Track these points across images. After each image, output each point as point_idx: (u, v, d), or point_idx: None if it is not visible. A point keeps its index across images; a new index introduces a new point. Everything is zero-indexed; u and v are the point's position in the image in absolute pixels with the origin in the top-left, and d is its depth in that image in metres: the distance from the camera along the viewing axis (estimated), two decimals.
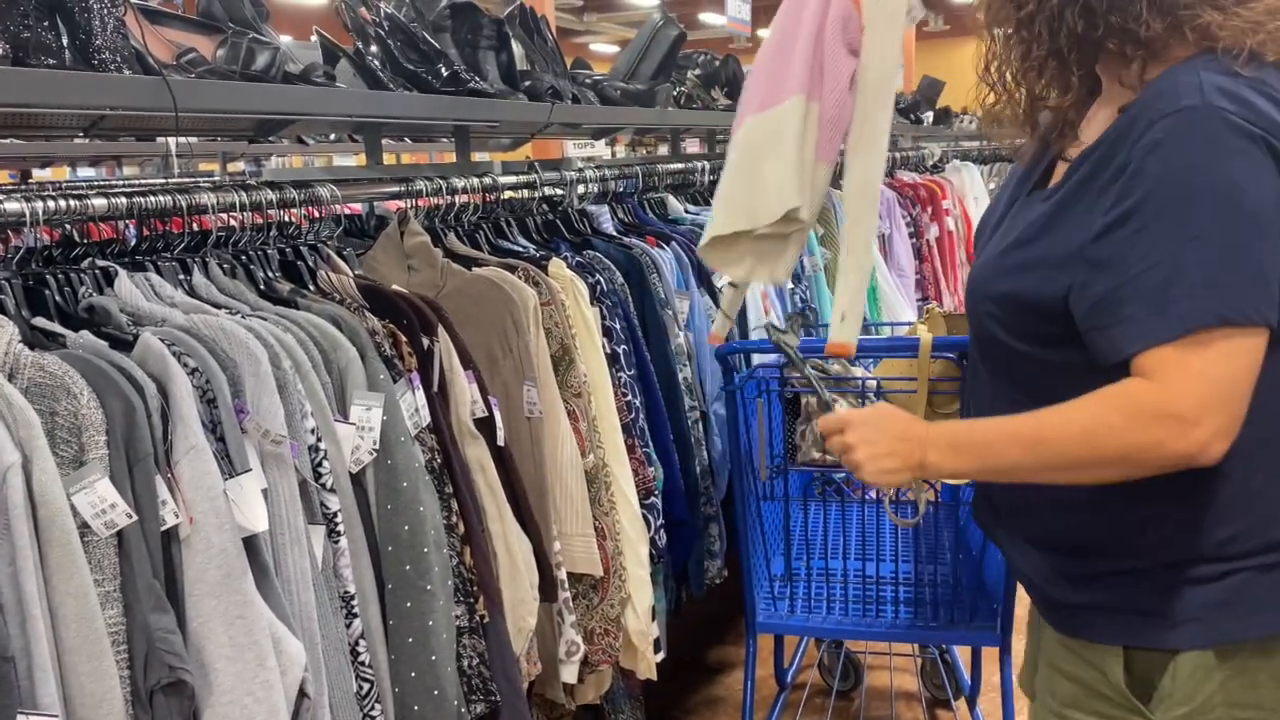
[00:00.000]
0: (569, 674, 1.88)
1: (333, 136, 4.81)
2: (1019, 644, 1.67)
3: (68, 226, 1.44)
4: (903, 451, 1.19)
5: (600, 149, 6.73)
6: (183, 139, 3.52)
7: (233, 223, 1.64)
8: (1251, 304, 1.03)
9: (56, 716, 1.06)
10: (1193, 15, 1.09)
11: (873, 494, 2.19)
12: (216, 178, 3.93)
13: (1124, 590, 1.17)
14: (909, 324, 2.29)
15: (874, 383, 1.99)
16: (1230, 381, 1.04)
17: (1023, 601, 1.50)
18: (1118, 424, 1.06)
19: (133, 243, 1.57)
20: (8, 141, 3.64)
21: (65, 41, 1.37)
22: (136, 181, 3.65)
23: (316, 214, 1.72)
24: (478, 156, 2.65)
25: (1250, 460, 1.10)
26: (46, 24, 1.35)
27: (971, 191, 4.57)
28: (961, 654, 2.71)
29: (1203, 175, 1.03)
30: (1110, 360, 1.09)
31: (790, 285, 2.94)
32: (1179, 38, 1.11)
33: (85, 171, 6.14)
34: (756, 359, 2.31)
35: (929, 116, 5.73)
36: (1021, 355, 1.18)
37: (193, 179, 3.45)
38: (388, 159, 2.34)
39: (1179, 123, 1.04)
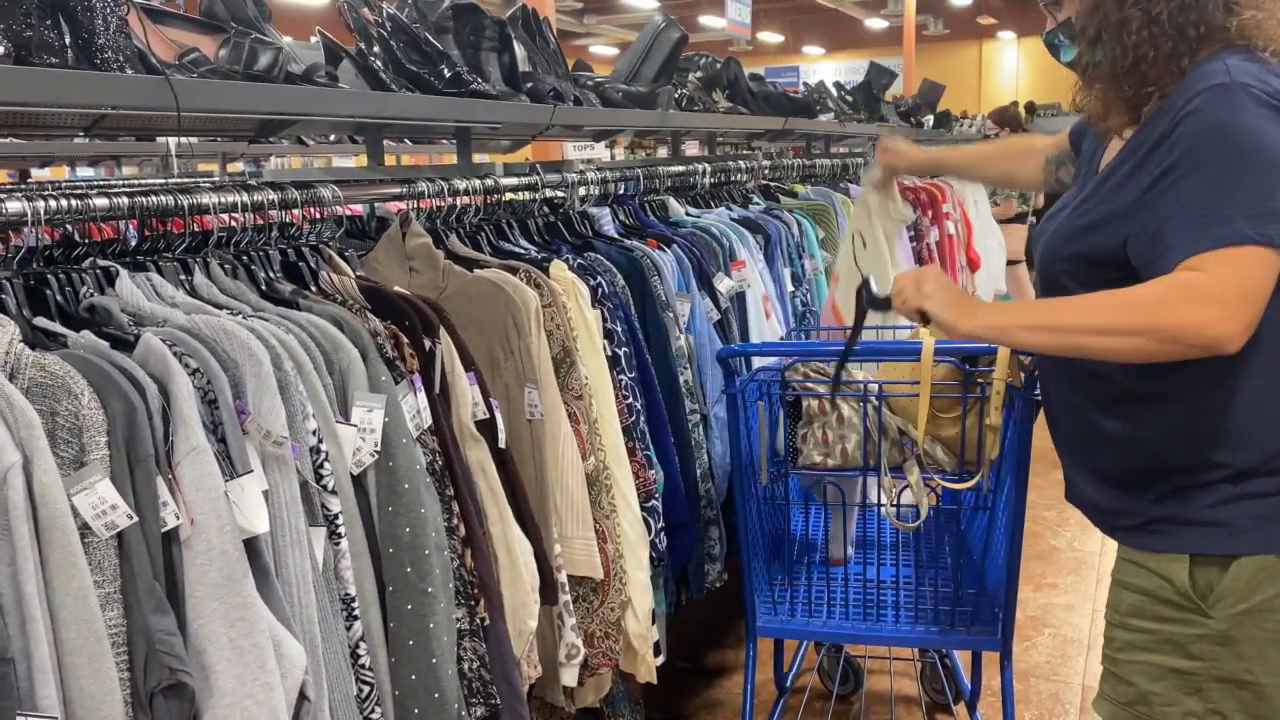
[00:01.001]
0: (569, 677, 1.88)
1: (332, 137, 4.81)
2: (1019, 649, 1.67)
3: (68, 226, 1.44)
4: (958, 303, 1.40)
5: (600, 151, 6.73)
6: (183, 139, 3.52)
7: (234, 223, 1.63)
8: (1275, 231, 1.19)
9: (56, 718, 1.05)
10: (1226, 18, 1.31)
11: (873, 497, 2.19)
12: (216, 178, 3.92)
13: (1186, 504, 1.33)
14: (910, 328, 2.29)
15: (875, 386, 1.99)
16: (1258, 287, 1.21)
17: (1022, 607, 1.51)
18: (1169, 298, 1.22)
19: (133, 243, 1.56)
20: (7, 141, 3.64)
21: (68, 40, 1.36)
22: (137, 181, 3.65)
23: (318, 215, 1.72)
24: (478, 158, 2.64)
25: (1273, 374, 1.28)
26: (49, 23, 1.35)
27: (971, 195, 4.57)
28: (961, 658, 2.71)
29: (1230, 132, 1.22)
30: (1166, 270, 1.25)
31: (791, 288, 2.94)
32: (1212, 38, 1.31)
33: (84, 171, 6.13)
34: (757, 362, 2.31)
35: (929, 120, 5.73)
36: None
37: (192, 179, 3.45)
38: (387, 160, 2.34)
39: (1211, 94, 1.24)
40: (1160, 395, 1.33)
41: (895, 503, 2.17)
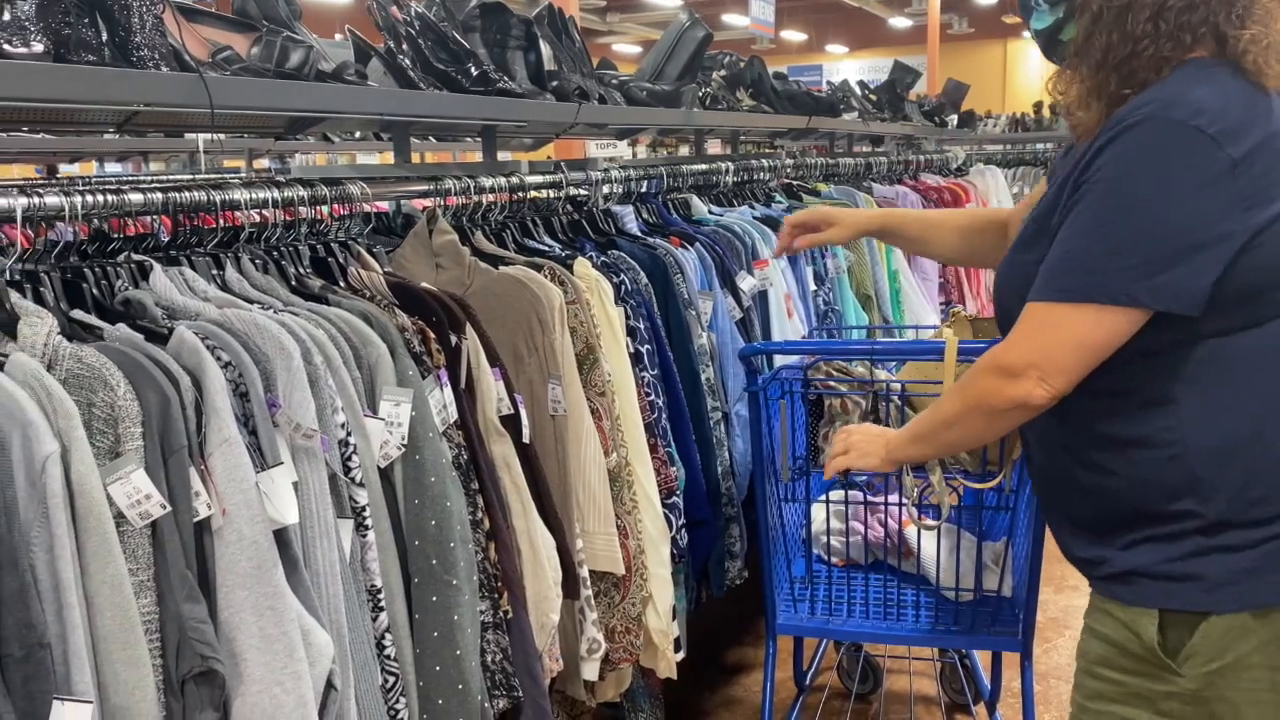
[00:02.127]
0: (590, 671, 1.89)
1: (357, 135, 4.85)
2: (1039, 651, 1.67)
3: (95, 221, 1.46)
4: (878, 439, 1.55)
5: (622, 149, 6.75)
6: (211, 135, 3.56)
7: (261, 219, 1.65)
8: (1119, 290, 1.18)
9: (91, 702, 1.08)
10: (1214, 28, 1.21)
11: (895, 496, 2.19)
12: (244, 174, 3.97)
13: (1157, 555, 1.26)
14: (933, 327, 2.29)
15: (898, 385, 1.99)
16: (1059, 346, 1.22)
17: (1043, 609, 1.52)
18: (970, 377, 1.32)
19: (164, 239, 1.59)
20: (39, 136, 3.70)
21: (105, 38, 1.39)
22: (166, 177, 3.69)
23: (346, 211, 1.74)
24: (500, 156, 2.67)
25: (1266, 429, 1.22)
26: (87, 21, 1.37)
27: (995, 195, 4.56)
28: (981, 659, 2.71)
29: (1127, 171, 1.17)
30: None
31: (814, 287, 2.94)
32: (1204, 44, 1.22)
33: (112, 167, 6.20)
34: (779, 360, 2.31)
35: (953, 119, 5.71)
36: None
37: (220, 175, 3.49)
38: (412, 158, 2.37)
39: (1133, 126, 1.17)
40: (1127, 441, 1.26)
41: (917, 502, 2.17)
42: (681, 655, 2.13)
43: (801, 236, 1.88)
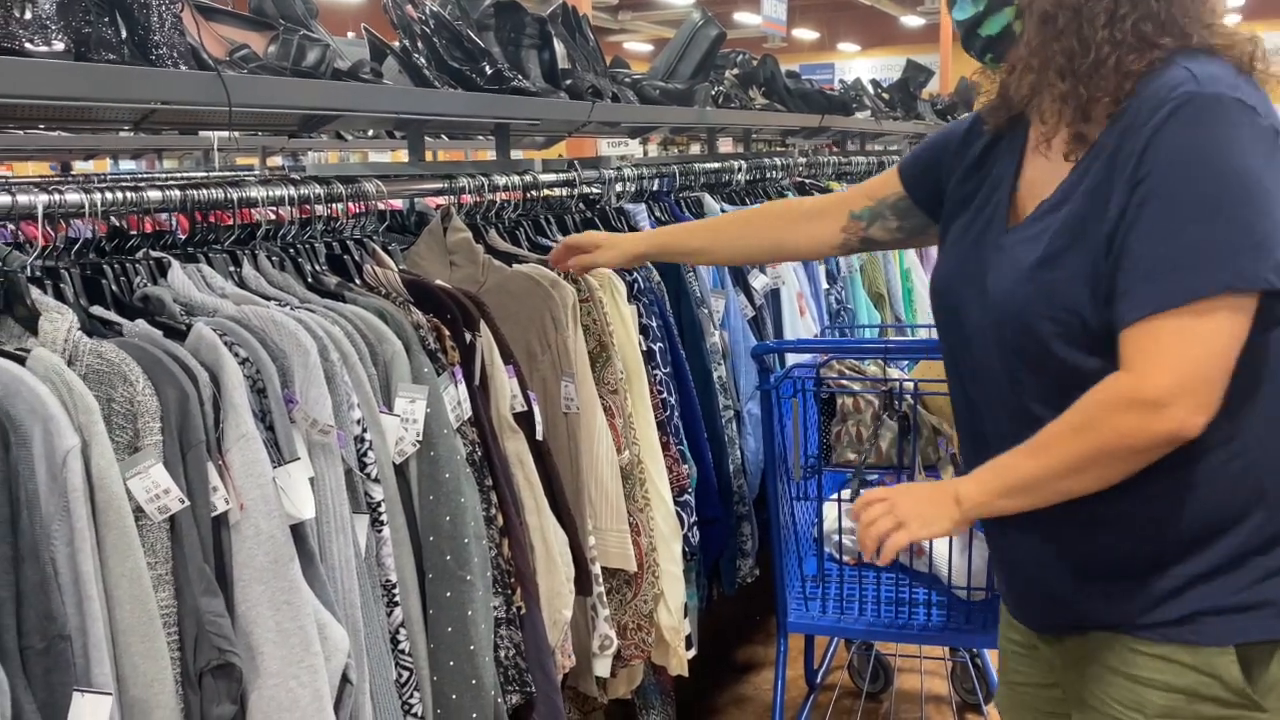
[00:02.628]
0: (602, 668, 1.90)
1: (370, 132, 4.87)
2: None
3: (113, 218, 1.48)
4: (938, 497, 1.23)
5: (633, 148, 6.75)
6: (227, 133, 3.58)
7: (275, 216, 1.66)
8: (1254, 273, 1.06)
9: (110, 694, 1.09)
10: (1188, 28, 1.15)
11: None
12: (258, 172, 3.99)
13: (1225, 589, 1.16)
14: None
15: (911, 384, 2.00)
16: (1211, 356, 1.08)
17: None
18: (1098, 417, 1.11)
19: (180, 236, 1.60)
20: (54, 134, 3.72)
21: (124, 37, 1.40)
22: (182, 175, 3.71)
23: (361, 209, 1.75)
24: (513, 154, 2.68)
25: None
26: (107, 20, 1.39)
27: None
28: (993, 658, 2.71)
29: (1203, 153, 1.07)
30: (1117, 332, 1.11)
31: (826, 286, 2.94)
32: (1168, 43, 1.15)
33: (126, 164, 6.23)
34: (792, 359, 2.32)
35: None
36: (1087, 369, 1.15)
37: (234, 173, 3.51)
38: (425, 156, 2.38)
39: (1181, 106, 1.08)
40: (1178, 458, 1.13)
41: None
42: (693, 653, 2.13)
43: (573, 258, 1.79)
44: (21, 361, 1.14)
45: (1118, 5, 1.14)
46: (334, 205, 1.68)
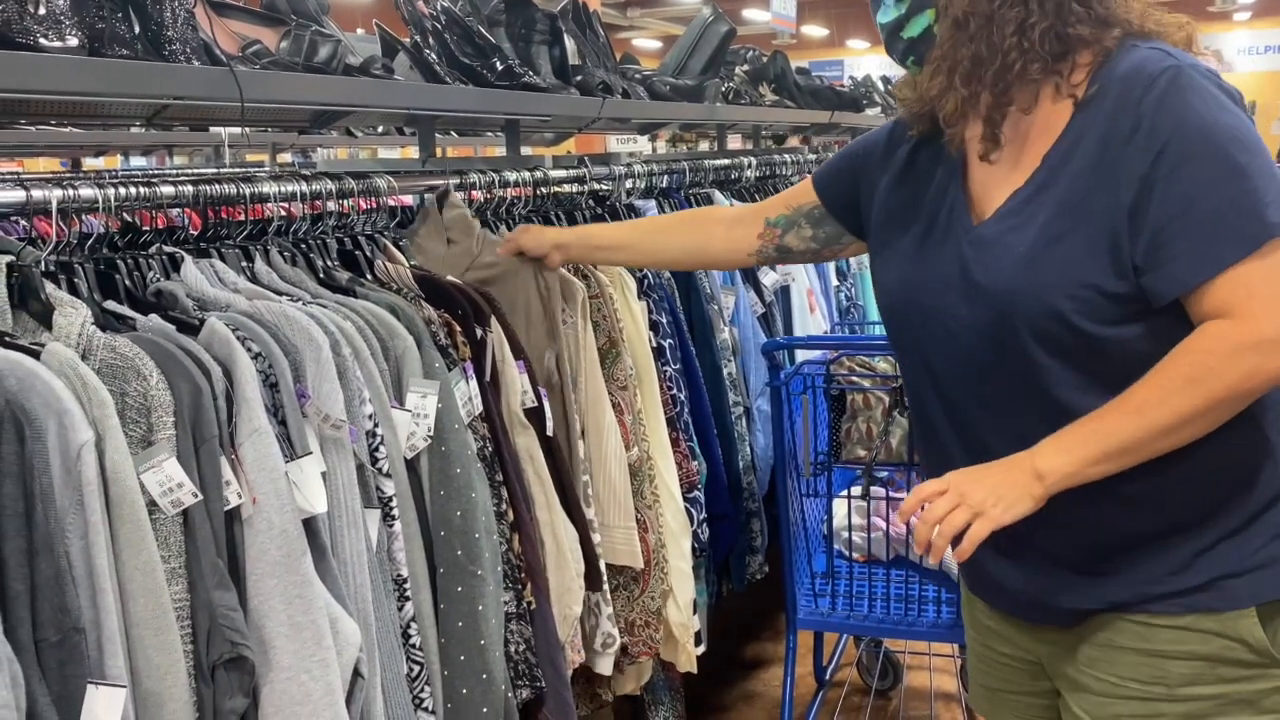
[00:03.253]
0: (605, 666, 1.90)
1: (380, 129, 4.87)
2: None
3: (125, 214, 1.48)
4: (1014, 475, 1.16)
5: (642, 144, 6.74)
6: (238, 129, 3.59)
7: (286, 212, 1.67)
8: None
9: (124, 687, 1.09)
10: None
11: None
12: (267, 168, 4.00)
13: (1243, 551, 1.17)
14: None
15: None
16: None
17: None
18: (1216, 365, 1.09)
19: (193, 231, 1.61)
20: (65, 130, 3.73)
21: (137, 32, 1.41)
22: (194, 171, 3.73)
23: (373, 205, 1.75)
24: (523, 151, 2.68)
25: None
26: (120, 15, 1.39)
27: None
28: None
29: (1216, 118, 1.10)
30: (1169, 297, 1.11)
31: (836, 283, 2.94)
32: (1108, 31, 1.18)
33: (137, 160, 6.26)
34: (802, 355, 2.32)
35: None
36: (1110, 340, 1.15)
37: (245, 169, 3.51)
38: (435, 152, 2.38)
39: (1176, 77, 1.11)
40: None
41: None
42: (702, 649, 2.13)
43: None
44: (36, 356, 1.14)
45: (1028, 14, 1.15)
46: (345, 201, 1.68)
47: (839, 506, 2.25)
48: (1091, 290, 1.14)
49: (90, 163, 5.80)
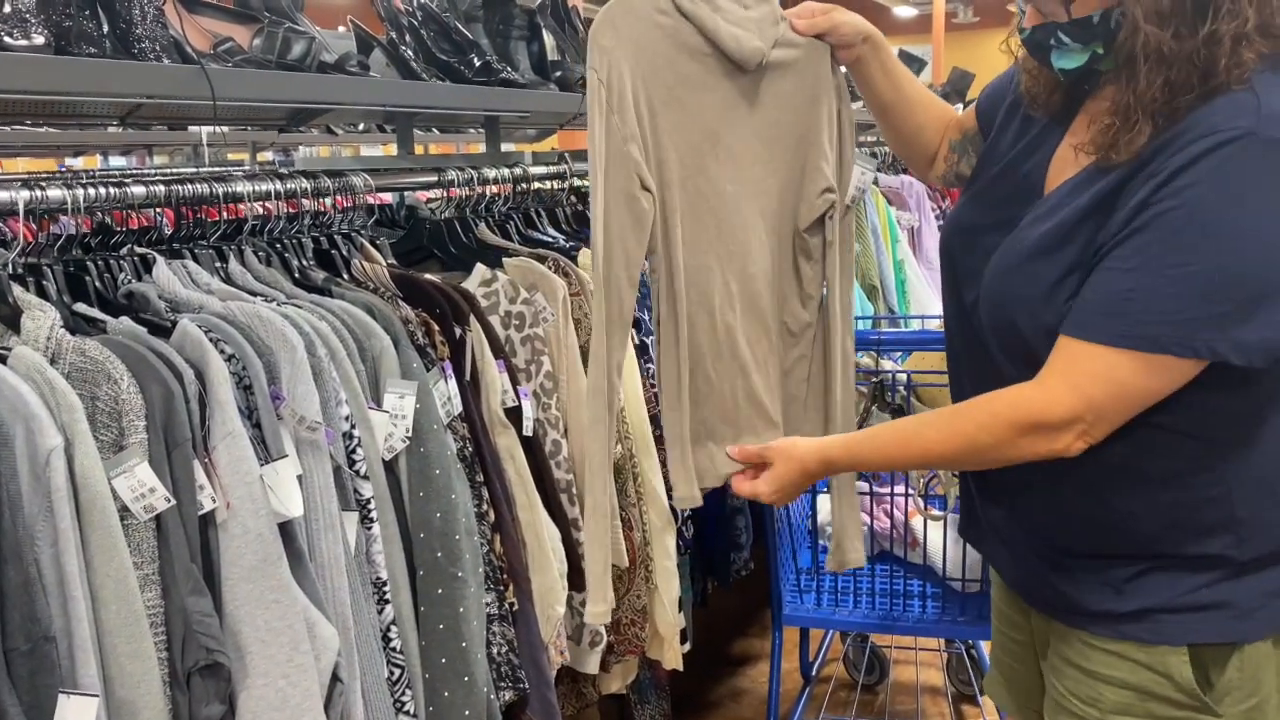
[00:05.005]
0: (591, 664, 1.89)
1: (361, 126, 4.84)
2: None
3: (98, 214, 1.46)
4: (793, 475, 1.29)
5: None
6: (215, 128, 3.55)
7: (265, 211, 1.65)
8: (1202, 342, 1.03)
9: (96, 696, 1.08)
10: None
11: (900, 488, 2.18)
12: (247, 167, 3.96)
13: (1180, 588, 1.14)
14: (939, 317, 2.28)
15: (904, 375, 1.99)
16: (1120, 402, 1.08)
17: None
18: (1003, 435, 1.12)
19: (166, 231, 1.59)
20: (42, 130, 3.69)
21: (106, 30, 1.38)
22: (170, 170, 3.69)
23: (350, 203, 1.73)
24: (504, 147, 2.66)
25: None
26: (88, 13, 1.37)
27: None
28: (987, 649, 2.70)
29: (1219, 204, 1.01)
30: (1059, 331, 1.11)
31: None
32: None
33: (116, 160, 6.20)
34: None
35: (959, 108, 5.68)
36: None
37: (224, 168, 3.48)
38: (415, 149, 2.36)
39: (1226, 144, 1.01)
40: (1156, 477, 1.13)
41: (923, 493, 2.17)
42: (688, 647, 2.13)
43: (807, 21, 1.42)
44: (3, 360, 1.12)
45: (1183, 41, 1.04)
46: (322, 200, 1.66)
47: (823, 502, 2.24)
48: (1056, 314, 1.11)
49: (69, 162, 5.75)
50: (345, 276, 1.66)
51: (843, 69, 1.44)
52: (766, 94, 1.38)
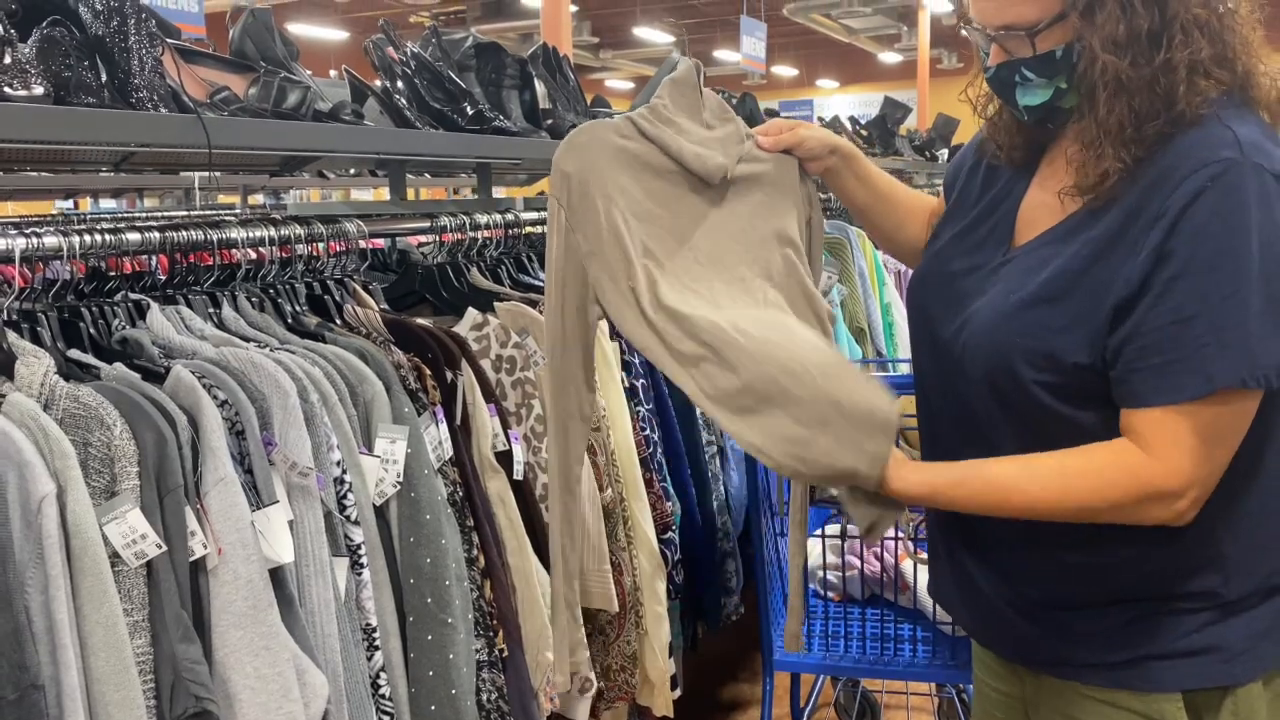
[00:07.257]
0: (580, 711, 1.87)
1: (353, 171, 4.88)
2: None
3: (92, 260, 1.47)
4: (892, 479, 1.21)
5: None
6: (209, 174, 3.58)
7: (256, 256, 1.66)
8: (1273, 367, 1.04)
9: None
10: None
11: (890, 530, 2.18)
12: (238, 211, 3.98)
13: (1172, 633, 1.15)
14: None
15: None
16: (1224, 450, 1.08)
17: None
18: (1119, 502, 1.10)
19: (159, 276, 1.60)
20: (35, 175, 3.71)
21: (104, 80, 1.40)
22: (161, 214, 3.71)
23: (343, 248, 1.75)
24: (496, 192, 2.69)
25: (1272, 496, 1.14)
26: (87, 64, 1.39)
27: None
28: None
29: (1245, 229, 1.04)
30: (1128, 407, 1.10)
31: None
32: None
33: (107, 203, 6.22)
34: None
35: (944, 154, 5.77)
36: (1060, 415, 1.14)
37: (215, 212, 3.50)
38: (407, 193, 2.39)
39: (1223, 174, 1.05)
40: (1139, 530, 1.13)
41: (913, 536, 2.17)
42: (678, 693, 2.11)
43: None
44: None
45: (1155, 69, 1.08)
46: (315, 245, 1.68)
47: (814, 546, 2.24)
48: (1056, 364, 1.12)
49: (60, 205, 5.77)
50: (338, 321, 1.67)
51: (815, 178, 1.44)
52: (738, 204, 1.37)
